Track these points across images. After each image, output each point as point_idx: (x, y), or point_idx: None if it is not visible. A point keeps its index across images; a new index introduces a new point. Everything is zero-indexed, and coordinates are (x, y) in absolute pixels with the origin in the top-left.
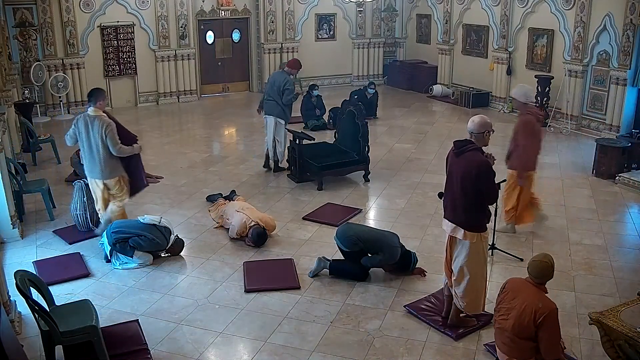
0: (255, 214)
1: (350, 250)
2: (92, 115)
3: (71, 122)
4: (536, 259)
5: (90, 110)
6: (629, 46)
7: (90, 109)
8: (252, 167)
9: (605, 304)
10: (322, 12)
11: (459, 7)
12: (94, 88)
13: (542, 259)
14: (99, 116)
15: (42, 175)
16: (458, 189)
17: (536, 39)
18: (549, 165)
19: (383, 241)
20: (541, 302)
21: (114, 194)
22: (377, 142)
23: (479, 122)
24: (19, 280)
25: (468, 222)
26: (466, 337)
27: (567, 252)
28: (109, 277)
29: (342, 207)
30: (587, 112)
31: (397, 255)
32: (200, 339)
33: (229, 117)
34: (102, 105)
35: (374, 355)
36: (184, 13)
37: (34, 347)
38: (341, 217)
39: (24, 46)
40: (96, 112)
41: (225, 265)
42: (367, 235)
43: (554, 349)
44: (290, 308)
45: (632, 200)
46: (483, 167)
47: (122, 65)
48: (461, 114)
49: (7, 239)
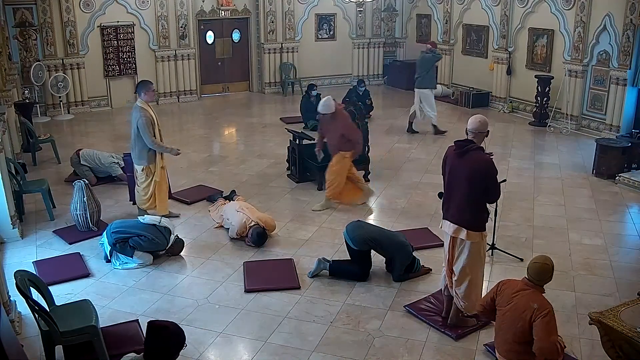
0: (255, 213)
1: (359, 249)
2: (137, 106)
3: (71, 122)
4: (537, 261)
5: (138, 101)
6: (629, 46)
7: (138, 99)
8: (252, 167)
9: (605, 304)
10: (322, 12)
11: (459, 7)
12: (141, 80)
13: (544, 262)
14: (141, 107)
15: (42, 175)
16: (464, 189)
17: (536, 39)
18: (549, 165)
19: (394, 241)
20: (536, 303)
21: (138, 178)
22: (377, 142)
23: (482, 122)
24: (19, 280)
25: (473, 222)
26: (466, 337)
27: (567, 252)
28: (109, 277)
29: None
30: (587, 112)
31: (411, 253)
32: (200, 339)
33: (229, 117)
34: (148, 96)
35: (374, 355)
36: (184, 13)
37: (34, 347)
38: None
39: (24, 46)
40: (141, 103)
41: (225, 265)
42: (378, 234)
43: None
44: (290, 308)
45: (632, 200)
46: (490, 164)
47: (122, 65)
48: (461, 114)
49: (7, 239)
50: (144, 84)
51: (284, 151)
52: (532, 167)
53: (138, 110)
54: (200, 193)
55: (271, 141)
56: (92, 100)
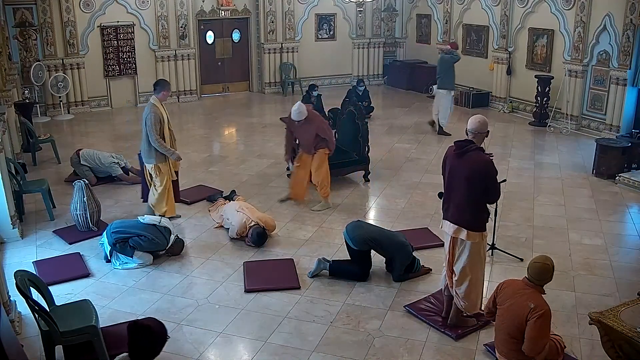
0: (255, 213)
1: (359, 249)
2: (150, 102)
3: (71, 122)
4: (538, 260)
5: (152, 98)
6: (629, 46)
7: (152, 97)
8: (252, 167)
9: (605, 304)
10: (322, 12)
11: (459, 7)
12: (162, 79)
13: (544, 262)
14: (153, 104)
15: (42, 175)
16: (463, 189)
17: (536, 39)
18: (549, 165)
19: (394, 240)
20: (533, 303)
21: (154, 181)
22: (377, 142)
23: (482, 122)
24: (19, 280)
25: (473, 222)
26: (466, 337)
27: (567, 252)
28: (109, 277)
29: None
30: (587, 112)
31: (411, 253)
32: (200, 339)
33: (229, 117)
34: (164, 95)
35: (374, 355)
36: (184, 13)
37: (34, 347)
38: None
39: (24, 46)
40: (154, 100)
41: (225, 265)
42: (378, 234)
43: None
44: (290, 308)
45: (632, 200)
46: (489, 164)
47: (122, 65)
48: (461, 114)
49: (7, 239)
50: (165, 83)
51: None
52: (532, 167)
53: (150, 107)
54: (200, 193)
55: (271, 141)
56: (92, 100)
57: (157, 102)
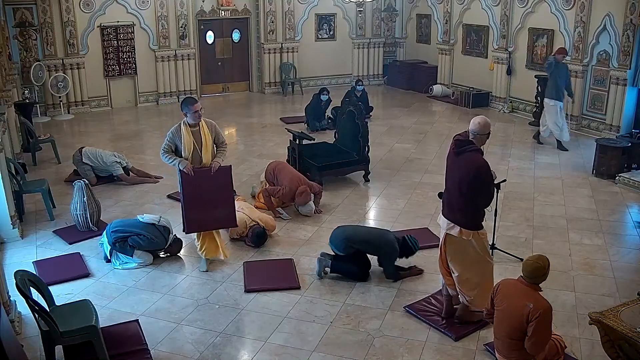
0: (255, 213)
1: (346, 253)
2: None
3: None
4: (530, 259)
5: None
6: (629, 46)
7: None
8: (252, 167)
9: (605, 304)
10: (322, 12)
11: (459, 7)
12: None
13: (536, 260)
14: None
15: (42, 175)
16: (455, 188)
17: (536, 39)
18: (549, 165)
19: (378, 239)
20: (532, 302)
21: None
22: (377, 142)
23: (482, 124)
24: (19, 280)
25: (464, 222)
26: (466, 337)
27: (567, 252)
28: (109, 277)
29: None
30: (587, 112)
31: (397, 249)
32: (200, 339)
33: (229, 117)
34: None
35: (374, 355)
36: (184, 13)
37: (34, 347)
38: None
39: (24, 46)
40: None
41: (225, 265)
42: (361, 236)
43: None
44: (290, 308)
45: (632, 200)
46: (482, 169)
47: (122, 65)
48: (461, 114)
49: (7, 239)
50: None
51: (284, 151)
52: (532, 167)
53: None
54: None
55: (271, 141)
56: (92, 100)
57: (184, 125)
